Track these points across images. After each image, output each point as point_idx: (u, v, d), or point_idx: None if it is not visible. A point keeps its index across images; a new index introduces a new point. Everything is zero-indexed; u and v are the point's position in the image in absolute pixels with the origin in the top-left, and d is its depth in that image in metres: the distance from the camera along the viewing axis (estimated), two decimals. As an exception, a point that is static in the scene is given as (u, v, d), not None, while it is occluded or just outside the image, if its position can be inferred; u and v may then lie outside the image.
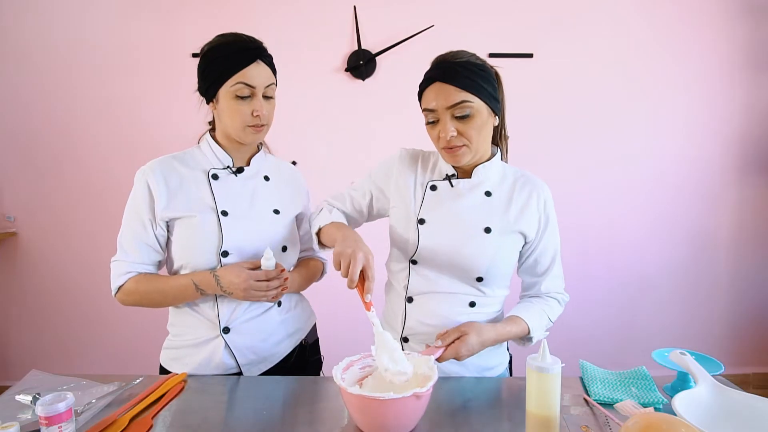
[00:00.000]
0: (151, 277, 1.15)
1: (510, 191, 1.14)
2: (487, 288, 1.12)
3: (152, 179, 1.13)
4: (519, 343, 1.17)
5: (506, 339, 1.10)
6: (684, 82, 2.47)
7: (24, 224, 2.51)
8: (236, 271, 1.09)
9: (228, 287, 1.10)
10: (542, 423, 0.81)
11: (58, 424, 0.81)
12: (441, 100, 1.03)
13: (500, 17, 2.40)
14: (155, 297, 1.14)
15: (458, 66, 1.03)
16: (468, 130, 1.03)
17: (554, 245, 1.17)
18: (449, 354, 1.00)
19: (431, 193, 1.14)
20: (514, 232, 1.12)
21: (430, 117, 1.06)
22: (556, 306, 1.19)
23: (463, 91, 1.02)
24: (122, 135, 2.44)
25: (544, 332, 1.15)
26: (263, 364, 1.21)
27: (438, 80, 1.03)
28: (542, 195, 1.14)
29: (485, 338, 1.04)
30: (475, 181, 1.13)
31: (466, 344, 1.01)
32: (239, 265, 1.11)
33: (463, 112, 1.02)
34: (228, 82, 1.10)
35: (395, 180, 1.18)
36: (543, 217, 1.14)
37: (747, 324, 2.63)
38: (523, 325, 1.10)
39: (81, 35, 2.38)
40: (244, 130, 1.13)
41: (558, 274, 1.19)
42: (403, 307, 1.15)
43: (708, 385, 0.87)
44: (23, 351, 2.60)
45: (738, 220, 2.57)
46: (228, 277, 1.09)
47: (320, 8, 2.38)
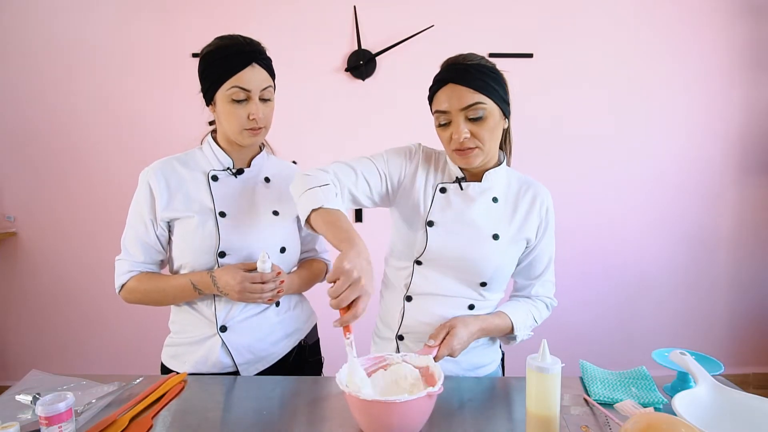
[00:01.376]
0: (152, 277, 1.17)
1: (515, 198, 1.15)
2: (488, 292, 1.13)
3: (153, 180, 1.15)
4: (504, 342, 1.18)
5: (491, 331, 1.11)
6: (684, 82, 2.47)
7: (24, 224, 2.51)
8: (232, 272, 1.10)
9: (224, 288, 1.11)
10: (542, 423, 0.81)
11: (58, 424, 0.81)
12: (454, 102, 1.02)
13: (500, 17, 2.40)
14: (155, 296, 1.16)
15: (471, 68, 1.02)
16: (481, 131, 1.03)
17: (550, 251, 1.19)
18: (443, 352, 1.01)
19: (440, 196, 1.12)
20: (520, 239, 1.13)
21: (443, 119, 1.05)
22: (544, 309, 1.21)
23: (477, 93, 1.01)
24: (122, 135, 2.44)
25: (528, 332, 1.17)
26: (260, 363, 1.21)
27: (451, 82, 1.03)
28: (545, 202, 1.16)
29: (471, 329, 1.06)
30: (485, 186, 1.12)
31: (457, 337, 1.02)
32: (236, 266, 1.12)
33: (476, 114, 1.02)
34: (224, 86, 1.10)
35: (410, 174, 1.14)
36: (543, 223, 1.15)
37: (747, 324, 2.63)
38: (507, 321, 1.12)
39: (81, 35, 2.39)
40: (241, 133, 1.13)
41: (550, 279, 1.21)
42: (402, 306, 1.15)
43: (708, 385, 0.87)
44: (23, 351, 2.60)
45: (738, 220, 2.57)
46: (224, 278, 1.10)
47: (320, 8, 2.38)
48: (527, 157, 2.47)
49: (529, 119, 2.45)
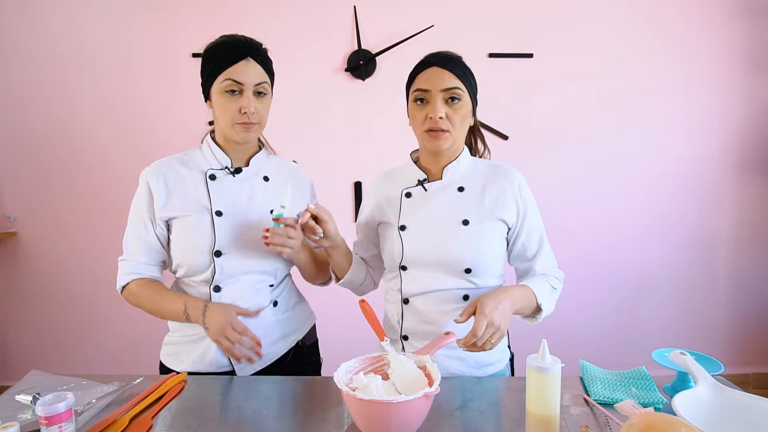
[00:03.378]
0: (152, 286, 1.17)
1: (482, 183, 1.16)
2: (477, 279, 1.13)
3: (152, 179, 1.15)
4: (529, 321, 1.13)
5: (517, 299, 1.04)
6: (684, 82, 2.47)
7: (24, 224, 2.51)
8: (224, 311, 1.11)
9: (208, 322, 1.11)
10: (542, 423, 0.81)
11: (58, 424, 0.81)
12: (435, 82, 1.08)
13: (500, 17, 2.40)
14: (150, 306, 1.17)
15: (454, 58, 1.12)
16: (455, 116, 1.09)
17: (539, 228, 1.18)
18: (480, 322, 0.94)
19: (407, 200, 1.17)
20: (493, 219, 1.13)
21: (421, 96, 1.10)
22: (555, 281, 1.18)
23: (458, 79, 1.09)
24: (122, 135, 2.44)
25: (551, 302, 1.13)
26: (257, 363, 1.21)
27: (435, 65, 1.10)
28: (515, 181, 1.16)
29: (497, 294, 1.00)
30: (446, 181, 1.17)
31: (487, 306, 0.96)
32: (232, 307, 1.13)
33: (455, 95, 1.09)
34: (218, 79, 1.11)
35: (377, 203, 1.22)
36: (521, 202, 1.15)
37: (747, 324, 2.63)
38: (527, 289, 1.08)
39: (81, 35, 2.38)
40: (233, 127, 1.13)
41: (548, 254, 1.20)
42: (400, 309, 1.17)
43: (708, 385, 0.86)
44: (23, 351, 2.60)
45: (738, 220, 2.57)
46: (213, 314, 1.11)
47: (320, 8, 2.37)
48: (527, 157, 2.49)
49: (529, 119, 2.45)
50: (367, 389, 0.88)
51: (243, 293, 1.18)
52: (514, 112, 2.45)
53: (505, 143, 2.45)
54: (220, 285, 1.16)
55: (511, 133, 2.45)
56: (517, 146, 2.46)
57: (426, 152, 1.18)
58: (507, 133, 2.45)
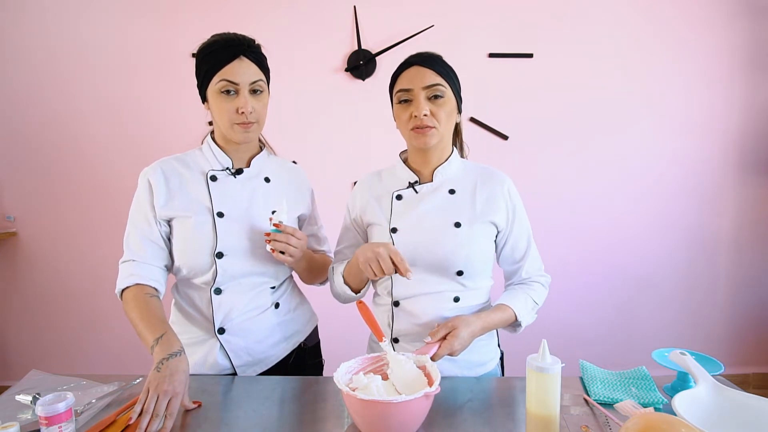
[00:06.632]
0: (142, 300, 1.06)
1: (473, 185, 1.17)
2: (468, 281, 1.13)
3: (153, 178, 1.14)
4: (510, 331, 1.18)
5: (494, 326, 1.11)
6: (684, 82, 2.47)
7: (24, 224, 2.51)
8: (179, 377, 0.93)
9: (163, 367, 0.94)
10: (542, 423, 0.81)
11: (58, 424, 0.81)
12: (417, 81, 1.10)
13: (500, 17, 2.40)
14: (131, 318, 1.06)
15: (435, 56, 1.14)
16: (439, 112, 1.10)
17: (526, 230, 1.20)
18: (443, 351, 1.01)
19: (398, 203, 1.17)
20: (484, 222, 1.14)
21: (404, 96, 1.12)
22: (540, 289, 1.21)
23: (439, 76, 1.10)
24: (122, 135, 2.44)
25: (532, 315, 1.17)
26: (258, 366, 1.21)
27: (416, 64, 1.12)
28: (505, 185, 1.18)
29: (473, 328, 1.06)
30: (437, 184, 1.17)
31: (458, 338, 1.02)
32: (185, 373, 0.95)
33: (437, 92, 1.10)
34: (213, 81, 1.10)
35: (362, 207, 1.22)
36: (510, 206, 1.17)
37: (747, 324, 2.63)
38: (509, 311, 1.12)
39: (81, 35, 2.39)
40: (232, 127, 1.12)
41: (535, 256, 1.22)
42: (390, 312, 1.17)
43: (708, 385, 0.86)
44: (23, 351, 2.60)
45: (738, 220, 2.57)
46: (167, 369, 0.93)
47: (320, 8, 2.37)
48: (527, 157, 2.49)
49: (528, 119, 2.45)
50: (367, 389, 0.88)
51: (244, 295, 1.17)
52: (514, 112, 2.45)
53: (505, 143, 2.45)
54: (221, 287, 1.15)
55: (511, 133, 2.45)
56: (517, 146, 2.46)
57: (415, 151, 1.17)
58: (507, 133, 2.45)
